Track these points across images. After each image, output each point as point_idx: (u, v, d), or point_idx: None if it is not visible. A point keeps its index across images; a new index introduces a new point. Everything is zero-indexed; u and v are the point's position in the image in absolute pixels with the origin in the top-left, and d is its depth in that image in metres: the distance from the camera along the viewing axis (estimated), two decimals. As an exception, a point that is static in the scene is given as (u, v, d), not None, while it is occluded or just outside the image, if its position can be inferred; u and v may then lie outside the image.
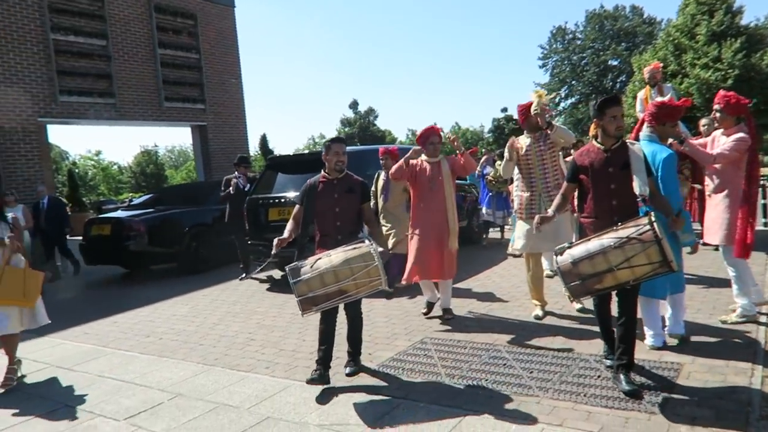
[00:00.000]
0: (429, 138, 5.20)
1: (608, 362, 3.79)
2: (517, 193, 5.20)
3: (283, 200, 7.40)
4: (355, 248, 3.79)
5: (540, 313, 5.16)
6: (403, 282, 5.42)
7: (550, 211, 3.84)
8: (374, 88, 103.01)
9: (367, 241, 3.83)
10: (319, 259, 3.76)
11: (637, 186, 3.48)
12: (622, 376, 3.47)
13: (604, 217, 3.59)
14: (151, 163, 56.59)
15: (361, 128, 40.14)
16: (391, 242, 6.46)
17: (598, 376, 3.74)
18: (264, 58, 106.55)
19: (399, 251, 6.39)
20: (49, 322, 4.96)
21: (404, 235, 6.27)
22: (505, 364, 4.13)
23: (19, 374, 4.77)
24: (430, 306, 5.56)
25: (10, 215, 4.89)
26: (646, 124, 4.26)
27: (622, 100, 3.79)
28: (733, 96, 4.49)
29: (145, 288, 8.54)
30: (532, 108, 4.89)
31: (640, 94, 7.79)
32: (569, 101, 45.97)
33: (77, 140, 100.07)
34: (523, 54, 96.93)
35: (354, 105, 41.68)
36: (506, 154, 5.19)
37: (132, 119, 13.11)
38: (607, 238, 3.37)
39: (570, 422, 3.18)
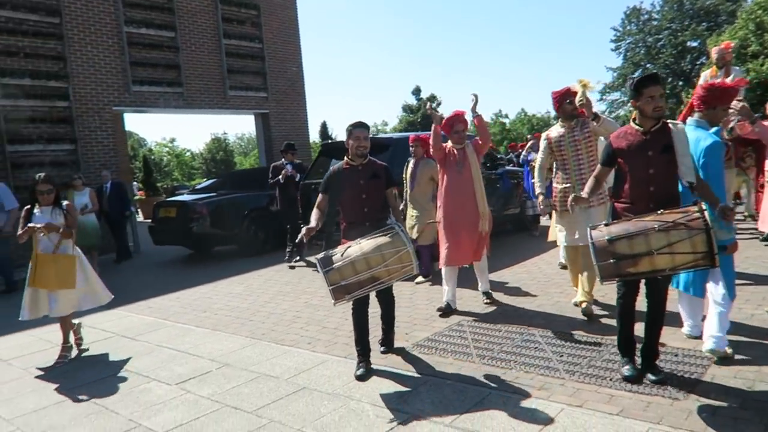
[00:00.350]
0: (454, 125, 5.16)
1: (625, 372, 3.47)
2: (554, 184, 4.98)
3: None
4: (385, 234, 3.73)
5: (587, 307, 4.87)
6: (440, 267, 5.39)
7: (584, 193, 3.64)
8: (438, 75, 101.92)
9: (397, 227, 3.78)
10: (349, 247, 3.70)
11: (684, 171, 3.28)
12: (649, 375, 3.41)
13: (641, 204, 3.36)
14: (221, 150, 58.68)
15: (424, 115, 40.04)
16: (414, 232, 6.43)
17: (629, 362, 3.74)
18: (327, 43, 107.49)
19: (422, 242, 6.43)
20: (112, 297, 5.26)
21: (426, 224, 6.31)
22: (536, 348, 4.18)
23: (73, 353, 5.02)
24: (448, 308, 5.23)
25: (64, 203, 5.01)
26: (695, 109, 3.92)
27: (661, 79, 3.43)
28: None
29: (206, 267, 9.03)
30: (577, 98, 4.53)
31: (706, 74, 7.39)
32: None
33: (153, 128, 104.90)
34: (593, 36, 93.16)
35: (417, 91, 41.64)
36: (540, 150, 5.00)
37: (198, 107, 13.71)
38: (650, 221, 3.15)
39: (590, 404, 3.22)
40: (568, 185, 4.78)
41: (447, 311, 5.20)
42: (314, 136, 37.37)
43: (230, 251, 10.17)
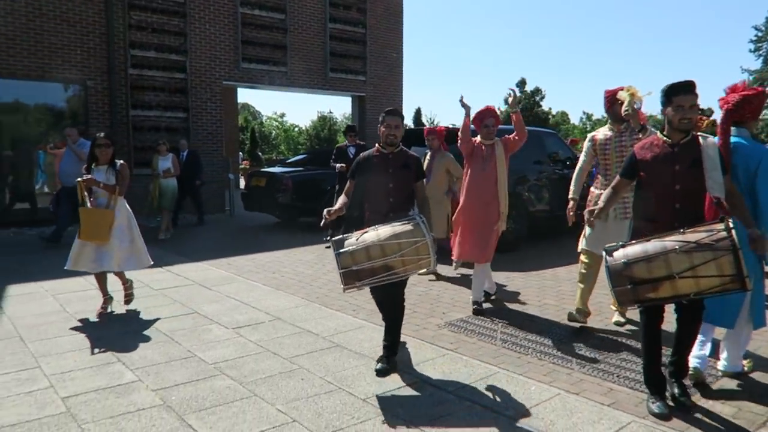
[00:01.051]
0: (484, 120, 5.03)
1: (656, 408, 3.12)
2: (592, 188, 4.82)
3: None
4: (404, 224, 3.54)
5: (574, 312, 4.74)
6: (455, 259, 5.43)
7: (600, 202, 3.46)
8: (545, 68, 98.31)
9: (418, 218, 3.58)
10: (366, 232, 3.54)
11: (711, 185, 3.04)
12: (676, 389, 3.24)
13: (664, 222, 3.14)
14: (326, 128, 60.74)
15: (526, 108, 39.24)
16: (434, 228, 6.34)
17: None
18: (431, 29, 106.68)
19: (435, 235, 6.42)
20: (152, 263, 5.39)
21: (439, 219, 6.29)
22: (560, 340, 4.38)
23: (109, 309, 5.23)
24: (479, 306, 5.13)
25: (119, 162, 5.14)
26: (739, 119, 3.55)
27: (695, 88, 3.13)
28: None
29: (286, 235, 9.80)
30: (623, 108, 4.28)
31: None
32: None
33: (267, 103, 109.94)
34: (729, 34, 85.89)
35: (521, 84, 40.84)
36: (583, 152, 4.84)
37: (300, 86, 14.57)
38: (671, 240, 2.94)
39: (587, 393, 3.42)
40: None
41: (479, 309, 5.10)
42: (408, 121, 37.91)
43: (314, 223, 10.90)
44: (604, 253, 3.12)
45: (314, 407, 3.24)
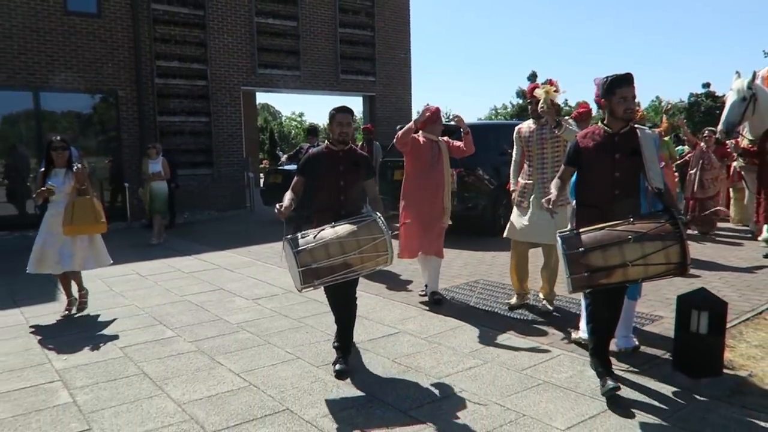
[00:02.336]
0: (437, 120, 5.20)
1: (611, 384, 3.18)
2: (518, 178, 5.01)
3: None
4: (362, 221, 3.56)
5: (514, 301, 5.08)
6: (401, 257, 5.26)
7: (552, 195, 3.41)
8: (556, 60, 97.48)
9: (375, 215, 3.60)
10: (322, 230, 3.50)
11: (652, 177, 3.21)
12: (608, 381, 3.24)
13: (605, 207, 3.29)
14: (344, 126, 61.72)
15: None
16: None
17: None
18: (438, 27, 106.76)
19: None
20: (111, 262, 5.55)
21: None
22: (530, 309, 5.18)
23: (73, 311, 5.33)
24: (435, 296, 5.30)
25: (76, 165, 5.24)
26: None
27: (634, 80, 3.30)
28: None
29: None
30: (539, 105, 4.51)
31: (763, 71, 7.38)
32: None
33: (286, 103, 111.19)
34: (752, 22, 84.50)
35: (532, 77, 41.19)
36: (514, 144, 5.05)
37: (313, 89, 15.49)
38: (622, 230, 3.07)
39: (533, 338, 4.27)
40: (529, 182, 4.86)
41: (436, 300, 5.25)
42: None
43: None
44: (559, 241, 3.14)
45: (315, 350, 4.15)
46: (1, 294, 6.07)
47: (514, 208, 5.00)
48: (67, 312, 5.29)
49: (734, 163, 8.36)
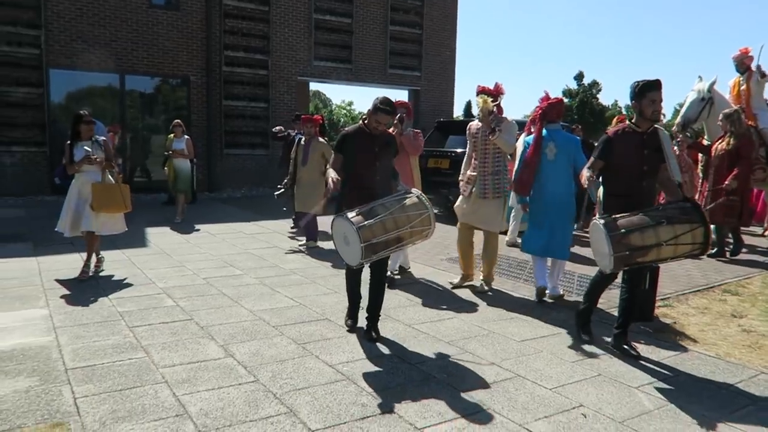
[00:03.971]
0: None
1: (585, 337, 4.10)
2: (469, 171, 5.43)
3: (436, 153, 10.05)
4: (407, 197, 3.77)
5: (457, 281, 5.62)
6: None
7: (586, 179, 3.75)
8: (604, 61, 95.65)
9: (414, 191, 3.85)
10: (372, 207, 3.65)
11: (672, 170, 3.75)
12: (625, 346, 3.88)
13: (633, 197, 3.70)
14: (392, 117, 62.76)
15: (582, 102, 39.89)
16: (308, 203, 7.21)
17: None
18: (486, 24, 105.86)
19: (314, 212, 7.22)
20: (126, 229, 6.00)
21: (318, 198, 7.00)
22: (510, 266, 6.34)
23: (96, 269, 5.80)
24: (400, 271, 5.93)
25: (101, 138, 5.70)
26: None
27: (662, 86, 3.69)
28: None
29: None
30: (477, 113, 5.22)
31: (730, 82, 8.11)
32: None
33: (337, 91, 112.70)
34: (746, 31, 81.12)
35: (579, 77, 41.44)
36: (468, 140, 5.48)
37: (363, 81, 16.76)
38: (656, 215, 3.46)
39: (520, 289, 5.43)
40: (474, 173, 5.34)
41: (392, 279, 5.62)
42: (458, 112, 39.42)
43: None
44: (601, 224, 3.47)
45: (318, 301, 5.21)
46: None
47: (460, 196, 5.53)
48: (84, 273, 5.60)
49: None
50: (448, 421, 2.91)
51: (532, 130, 5.29)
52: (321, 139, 7.52)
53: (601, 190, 4.49)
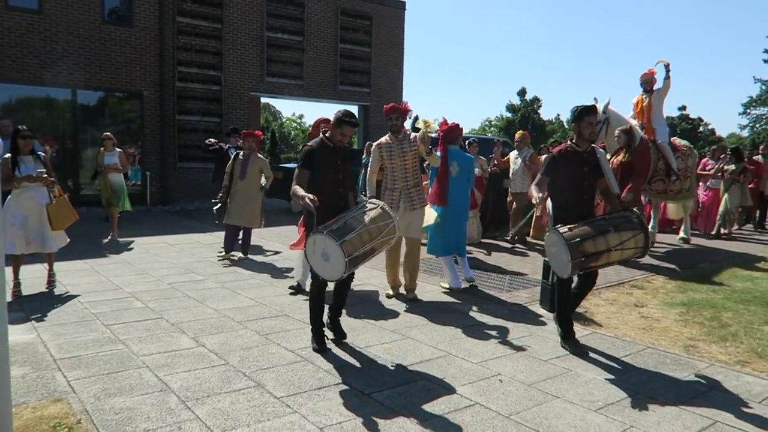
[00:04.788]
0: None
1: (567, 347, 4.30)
2: (383, 187, 5.67)
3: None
4: (373, 209, 3.88)
5: (391, 293, 5.86)
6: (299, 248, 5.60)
7: (536, 196, 4.17)
8: (545, 78, 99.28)
9: (376, 202, 4.03)
10: (345, 220, 3.75)
11: (612, 184, 4.32)
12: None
13: (576, 208, 4.17)
14: (342, 130, 63.44)
15: (523, 117, 41.72)
16: (246, 217, 7.46)
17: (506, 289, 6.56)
18: (432, 41, 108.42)
19: (249, 225, 7.61)
20: (68, 240, 5.97)
21: (255, 211, 7.46)
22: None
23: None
24: (299, 287, 5.84)
25: (40, 153, 5.67)
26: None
27: (597, 110, 4.35)
28: None
29: (295, 216, 12.60)
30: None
31: (633, 99, 8.74)
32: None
33: (287, 105, 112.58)
34: (742, 44, 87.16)
35: (522, 93, 43.36)
36: (372, 156, 5.63)
37: (314, 97, 17.36)
38: (603, 224, 3.94)
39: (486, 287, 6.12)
40: (396, 189, 5.56)
41: (299, 289, 5.81)
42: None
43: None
44: (558, 235, 3.89)
45: (276, 300, 5.89)
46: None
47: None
48: (51, 283, 5.82)
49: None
50: (391, 388, 3.53)
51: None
52: (260, 155, 7.74)
53: (549, 204, 4.74)
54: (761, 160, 11.90)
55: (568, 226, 3.95)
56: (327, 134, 4.21)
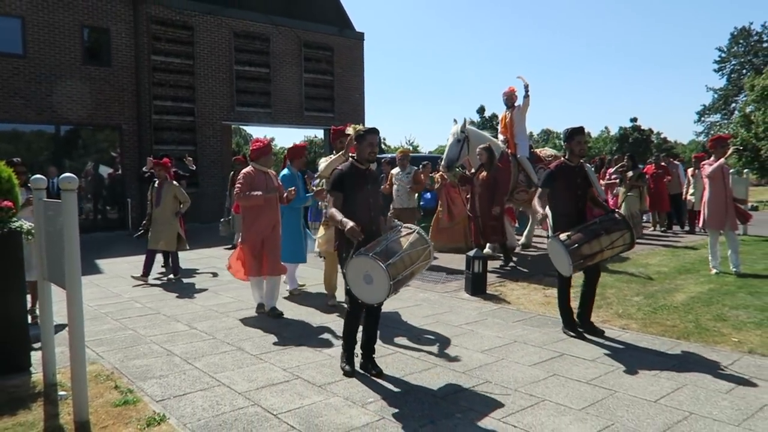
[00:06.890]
0: (268, 154, 5.92)
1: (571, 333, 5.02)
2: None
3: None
4: (410, 233, 3.96)
5: (335, 301, 6.35)
6: (245, 277, 6.02)
7: (540, 211, 5.06)
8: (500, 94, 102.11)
9: (413, 227, 4.07)
10: (385, 246, 3.77)
11: (599, 193, 5.64)
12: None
13: (573, 215, 4.90)
14: (311, 151, 64.88)
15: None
16: (158, 242, 7.83)
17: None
18: (390, 63, 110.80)
19: (167, 248, 7.97)
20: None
21: (172, 235, 7.77)
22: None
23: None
24: (261, 306, 6.07)
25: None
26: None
27: (585, 131, 5.08)
28: None
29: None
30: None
31: (500, 115, 9.44)
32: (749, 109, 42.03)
33: (257, 128, 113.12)
34: (693, 55, 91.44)
35: (481, 110, 45.06)
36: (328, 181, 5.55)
37: (282, 123, 18.70)
38: (595, 228, 4.60)
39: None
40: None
41: (261, 308, 6.07)
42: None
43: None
44: (557, 241, 4.58)
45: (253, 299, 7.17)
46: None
47: (320, 227, 6.36)
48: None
49: None
50: (339, 346, 4.81)
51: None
52: (174, 182, 8.11)
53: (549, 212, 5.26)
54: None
55: (566, 234, 4.66)
56: (354, 156, 4.18)
